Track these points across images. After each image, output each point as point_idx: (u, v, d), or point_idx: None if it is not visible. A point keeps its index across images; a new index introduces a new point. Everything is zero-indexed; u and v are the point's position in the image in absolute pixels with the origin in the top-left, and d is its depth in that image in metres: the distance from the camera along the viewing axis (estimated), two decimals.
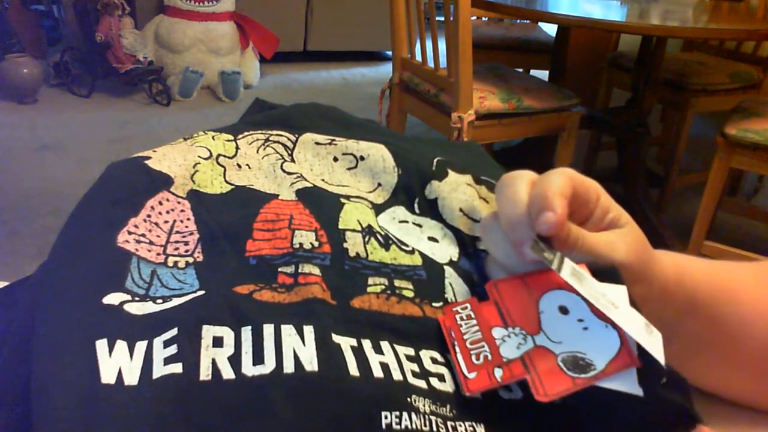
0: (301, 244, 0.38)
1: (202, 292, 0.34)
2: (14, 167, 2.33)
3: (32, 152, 2.47)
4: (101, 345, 0.30)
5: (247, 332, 0.31)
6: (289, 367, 0.29)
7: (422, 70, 1.87)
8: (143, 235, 0.37)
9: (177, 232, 0.38)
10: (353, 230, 0.39)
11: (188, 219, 0.39)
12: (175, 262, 0.36)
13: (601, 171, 2.49)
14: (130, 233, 0.37)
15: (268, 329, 0.31)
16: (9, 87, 2.90)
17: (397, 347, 0.34)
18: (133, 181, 0.40)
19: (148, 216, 0.38)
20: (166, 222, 0.39)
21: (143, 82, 3.09)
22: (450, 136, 1.76)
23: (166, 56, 3.27)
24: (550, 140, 2.08)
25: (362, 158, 0.45)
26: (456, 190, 0.44)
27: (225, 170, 0.44)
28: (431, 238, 0.43)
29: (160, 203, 0.39)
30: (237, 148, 0.46)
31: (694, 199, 1.93)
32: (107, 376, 0.28)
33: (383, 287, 0.37)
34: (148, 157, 0.42)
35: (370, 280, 0.37)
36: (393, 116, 2.11)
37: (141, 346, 0.30)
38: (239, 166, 0.45)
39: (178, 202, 0.40)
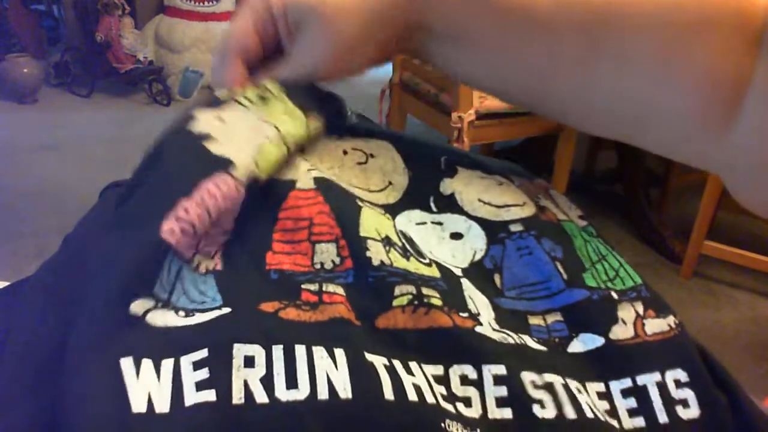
0: (322, 264, 0.36)
1: (227, 310, 0.32)
2: (14, 167, 2.33)
3: (32, 152, 2.47)
4: (127, 365, 0.28)
5: (278, 351, 0.30)
6: (323, 393, 0.29)
7: (422, 70, 1.87)
8: (191, 225, 0.33)
9: (217, 226, 0.35)
10: (374, 239, 0.38)
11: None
12: (198, 264, 0.34)
13: (601, 171, 2.49)
14: (178, 220, 0.32)
15: (300, 350, 0.30)
16: (9, 87, 2.90)
17: (425, 367, 0.33)
18: (188, 156, 0.35)
19: (203, 199, 0.33)
20: (216, 209, 0.34)
21: (143, 82, 3.09)
22: (450, 135, 1.76)
23: (166, 56, 3.27)
24: (550, 140, 2.08)
25: (372, 156, 0.44)
26: (470, 183, 0.43)
27: None
28: (454, 235, 0.42)
29: (218, 187, 0.34)
30: None
31: (694, 199, 1.93)
32: (137, 405, 0.27)
33: (411, 296, 0.35)
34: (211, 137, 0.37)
35: (397, 290, 0.35)
36: (393, 116, 2.11)
37: (167, 365, 0.29)
38: None
39: (238, 191, 0.35)
